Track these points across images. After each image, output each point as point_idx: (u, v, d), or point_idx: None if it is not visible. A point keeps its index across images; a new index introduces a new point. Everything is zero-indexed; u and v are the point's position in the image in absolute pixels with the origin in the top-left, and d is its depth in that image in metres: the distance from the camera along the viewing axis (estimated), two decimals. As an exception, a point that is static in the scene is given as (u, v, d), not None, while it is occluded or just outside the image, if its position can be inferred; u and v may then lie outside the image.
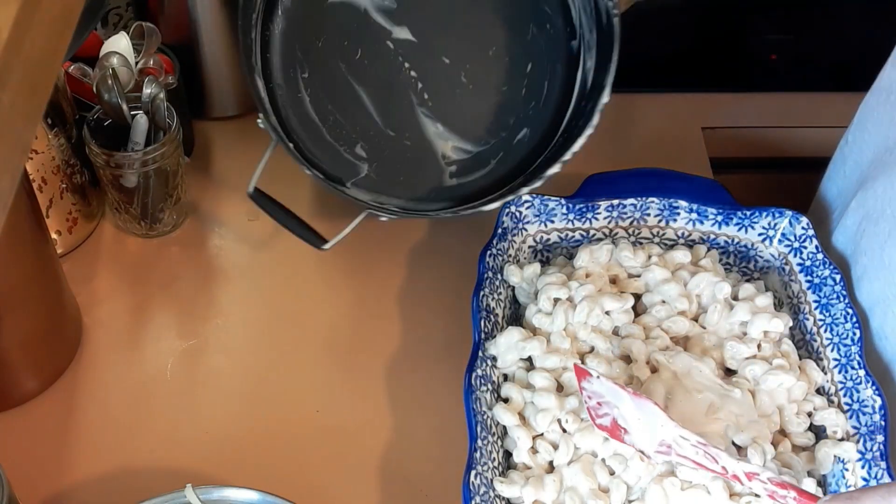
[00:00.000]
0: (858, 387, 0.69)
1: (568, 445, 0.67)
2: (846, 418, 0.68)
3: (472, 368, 0.69)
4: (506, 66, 0.68)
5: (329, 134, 0.82)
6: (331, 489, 0.71)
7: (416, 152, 0.82)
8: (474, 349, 0.70)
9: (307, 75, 0.80)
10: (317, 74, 0.80)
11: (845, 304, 0.72)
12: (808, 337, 0.74)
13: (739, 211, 0.78)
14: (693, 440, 0.62)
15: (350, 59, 0.80)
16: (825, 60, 1.03)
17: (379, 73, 0.80)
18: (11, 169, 0.40)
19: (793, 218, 0.77)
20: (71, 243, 0.85)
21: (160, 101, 0.81)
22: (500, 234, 0.77)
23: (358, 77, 0.80)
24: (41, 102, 0.42)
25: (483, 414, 0.67)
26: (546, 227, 0.79)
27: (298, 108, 0.81)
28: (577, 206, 0.79)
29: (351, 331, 0.81)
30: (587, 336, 0.71)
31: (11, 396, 0.75)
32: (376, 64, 0.80)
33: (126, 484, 0.71)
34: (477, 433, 0.65)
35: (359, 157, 0.82)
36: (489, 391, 0.69)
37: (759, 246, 0.78)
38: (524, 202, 0.78)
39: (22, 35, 0.38)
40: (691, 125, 0.95)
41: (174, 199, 0.85)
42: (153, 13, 0.91)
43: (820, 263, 0.75)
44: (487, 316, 0.73)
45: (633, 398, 0.63)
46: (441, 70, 0.82)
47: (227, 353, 0.80)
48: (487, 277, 0.74)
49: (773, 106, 0.97)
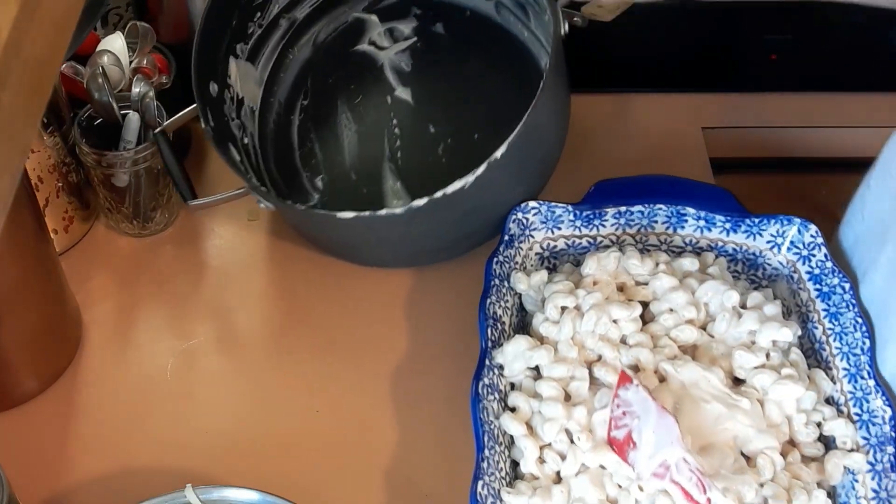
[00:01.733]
0: (868, 397, 0.68)
1: (576, 456, 0.66)
2: (856, 429, 0.68)
3: (478, 377, 0.68)
4: (484, 156, 0.71)
5: (300, 158, 0.87)
6: (331, 490, 0.71)
7: (368, 199, 0.86)
8: (481, 357, 0.70)
9: (307, 102, 0.86)
10: (315, 105, 0.87)
11: (854, 314, 0.71)
12: (816, 346, 0.73)
13: (748, 218, 0.77)
14: (693, 465, 0.62)
15: (350, 101, 0.86)
16: (825, 60, 1.03)
17: (369, 120, 0.86)
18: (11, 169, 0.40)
19: (801, 226, 0.76)
20: (67, 243, 0.84)
21: (150, 100, 0.81)
22: (507, 241, 0.77)
23: (349, 118, 0.87)
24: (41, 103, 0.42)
25: (490, 423, 0.67)
26: (553, 233, 0.79)
27: (284, 126, 0.86)
28: (585, 213, 0.78)
29: (352, 332, 0.81)
30: (595, 345, 0.70)
31: (11, 396, 0.75)
32: (370, 112, 0.86)
33: (126, 484, 0.71)
34: (484, 443, 0.65)
35: (315, 188, 0.87)
36: (496, 400, 0.69)
37: (768, 254, 0.78)
38: (531, 209, 0.78)
39: (22, 35, 0.38)
40: (691, 125, 0.95)
41: (166, 197, 0.85)
42: (152, 13, 0.90)
43: (829, 272, 0.74)
44: (494, 324, 0.72)
45: (658, 412, 0.63)
46: (423, 136, 0.87)
47: (227, 352, 0.80)
48: (494, 285, 0.74)
49: (773, 106, 0.97)
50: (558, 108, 0.79)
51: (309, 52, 0.88)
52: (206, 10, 0.79)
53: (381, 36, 0.88)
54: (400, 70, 0.86)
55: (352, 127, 0.86)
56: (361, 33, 0.89)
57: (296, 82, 0.87)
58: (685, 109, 0.97)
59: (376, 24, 0.88)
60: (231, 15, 0.83)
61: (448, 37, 0.87)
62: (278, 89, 0.88)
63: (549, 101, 0.73)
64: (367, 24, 0.88)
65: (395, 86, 0.85)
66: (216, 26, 0.81)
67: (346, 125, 0.86)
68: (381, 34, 0.88)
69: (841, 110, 0.97)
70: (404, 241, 0.78)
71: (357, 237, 0.78)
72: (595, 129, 0.81)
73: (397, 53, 0.87)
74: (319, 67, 0.87)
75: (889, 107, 0.96)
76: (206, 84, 0.81)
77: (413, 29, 0.88)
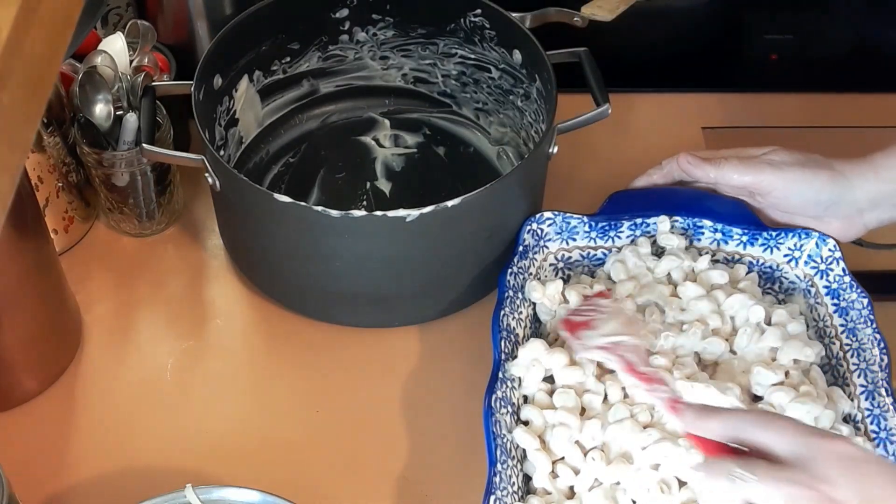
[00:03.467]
0: (886, 414, 0.68)
1: (590, 471, 0.66)
2: (874, 447, 0.67)
3: (491, 390, 0.67)
4: None
5: None
6: (332, 490, 0.71)
7: None
8: (494, 369, 0.69)
9: (294, 160, 0.91)
10: (299, 164, 0.91)
11: (873, 330, 0.71)
12: (833, 362, 0.73)
13: (765, 231, 0.77)
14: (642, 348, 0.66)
15: (332, 174, 0.90)
16: (825, 60, 1.03)
17: (342, 194, 0.89)
18: (11, 169, 0.39)
19: (819, 239, 0.76)
20: (67, 242, 0.84)
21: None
22: (521, 251, 0.76)
23: (324, 185, 0.89)
24: (41, 102, 0.42)
25: (503, 437, 0.66)
26: (568, 244, 0.78)
27: (262, 169, 0.90)
28: (600, 224, 0.78)
29: (354, 331, 0.80)
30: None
31: (11, 396, 0.75)
32: (345, 189, 0.89)
33: (126, 484, 0.71)
34: (496, 457, 0.64)
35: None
36: (509, 413, 0.68)
37: (785, 267, 0.77)
38: (546, 219, 0.77)
39: (22, 35, 0.38)
40: (691, 125, 0.95)
41: (167, 197, 0.85)
42: (152, 13, 0.90)
43: (847, 286, 0.74)
44: (508, 336, 0.71)
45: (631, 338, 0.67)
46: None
47: (227, 352, 0.80)
48: (508, 296, 0.73)
49: (773, 106, 0.97)
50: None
51: (315, 125, 0.94)
52: (256, 8, 0.83)
53: (386, 137, 0.93)
54: (390, 166, 0.90)
55: (324, 194, 0.89)
56: (370, 128, 0.94)
57: (291, 143, 0.92)
58: (685, 109, 0.97)
59: (386, 127, 0.93)
60: (268, 33, 0.86)
61: (446, 161, 0.91)
62: (272, 140, 0.92)
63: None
64: (377, 124, 0.94)
65: (378, 176, 0.89)
66: (250, 31, 0.84)
67: (320, 188, 0.89)
68: (386, 136, 0.93)
69: (841, 110, 0.97)
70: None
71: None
72: (595, 129, 0.81)
73: (394, 154, 0.91)
74: (319, 140, 0.93)
75: (889, 107, 0.96)
76: (212, 74, 0.81)
77: (417, 143, 0.92)
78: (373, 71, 0.93)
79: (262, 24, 0.84)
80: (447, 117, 0.93)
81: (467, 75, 0.91)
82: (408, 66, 0.92)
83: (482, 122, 0.92)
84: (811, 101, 0.97)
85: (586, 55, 0.81)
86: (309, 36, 0.89)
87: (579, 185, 0.88)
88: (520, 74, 0.86)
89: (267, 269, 0.81)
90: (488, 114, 0.92)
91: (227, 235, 0.84)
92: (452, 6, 0.87)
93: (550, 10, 0.85)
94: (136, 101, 0.81)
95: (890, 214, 0.75)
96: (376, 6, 0.89)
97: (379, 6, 0.89)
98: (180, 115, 0.84)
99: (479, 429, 0.66)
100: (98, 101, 0.80)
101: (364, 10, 0.89)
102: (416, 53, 0.91)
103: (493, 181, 0.73)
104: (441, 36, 0.89)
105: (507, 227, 0.78)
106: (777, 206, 0.77)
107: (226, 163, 0.76)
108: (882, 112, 0.96)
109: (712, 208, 0.78)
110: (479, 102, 0.92)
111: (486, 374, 0.69)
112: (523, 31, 0.83)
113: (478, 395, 0.68)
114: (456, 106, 0.93)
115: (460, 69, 0.91)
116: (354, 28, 0.89)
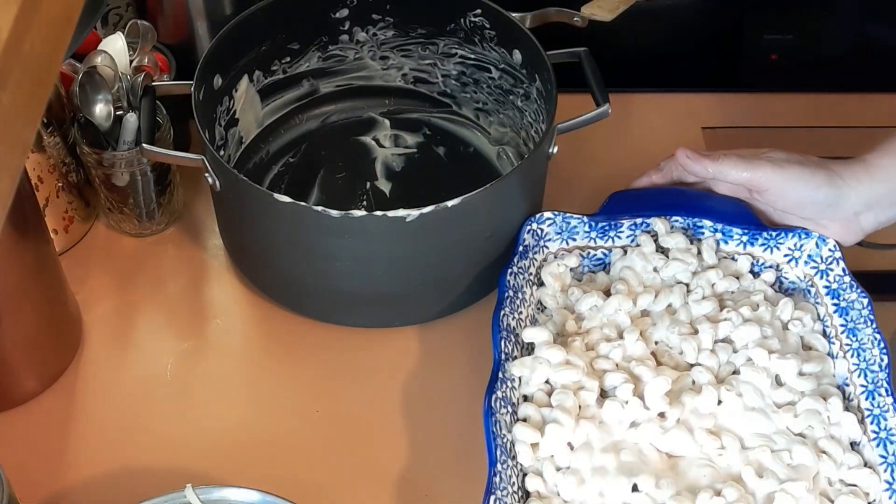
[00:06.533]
0: (886, 415, 0.67)
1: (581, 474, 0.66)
2: (874, 447, 0.67)
3: (491, 390, 0.67)
4: None
5: None
6: (332, 490, 0.71)
7: None
8: (494, 369, 0.69)
9: (294, 160, 0.91)
10: (300, 164, 0.90)
11: (873, 329, 0.70)
12: (834, 361, 0.72)
13: (765, 231, 0.77)
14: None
15: (332, 174, 0.90)
16: (825, 60, 1.03)
17: (341, 193, 0.88)
18: (11, 169, 0.39)
19: (819, 240, 0.76)
20: (67, 243, 0.84)
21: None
22: (522, 251, 0.76)
23: (324, 185, 0.89)
24: (41, 102, 0.42)
25: (503, 437, 0.66)
26: (568, 244, 0.78)
27: (262, 169, 0.90)
28: (600, 224, 0.78)
29: (356, 332, 0.80)
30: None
31: (11, 396, 0.75)
32: (345, 189, 0.89)
33: (126, 484, 0.71)
34: (496, 457, 0.64)
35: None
36: (509, 413, 0.68)
37: (785, 267, 0.77)
38: (546, 219, 0.77)
39: (22, 35, 0.38)
40: (691, 125, 0.95)
41: (167, 197, 0.85)
42: (152, 13, 0.91)
43: (847, 286, 0.74)
44: (508, 336, 0.71)
45: None
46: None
47: (227, 352, 0.80)
48: (508, 296, 0.73)
49: (772, 106, 0.97)
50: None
51: (315, 126, 0.94)
52: (256, 8, 0.83)
53: (386, 137, 0.93)
54: (390, 166, 0.90)
55: (324, 194, 0.88)
56: (370, 128, 0.93)
57: (291, 143, 0.92)
58: (685, 109, 0.97)
59: (386, 127, 0.93)
60: (268, 33, 0.86)
61: (446, 161, 0.91)
62: (272, 140, 0.92)
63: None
64: (377, 124, 0.94)
65: (378, 176, 0.89)
66: (250, 31, 0.84)
67: (320, 189, 0.89)
68: (386, 136, 0.93)
69: (841, 110, 0.97)
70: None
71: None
72: (595, 129, 0.81)
73: (394, 154, 0.91)
74: (319, 140, 0.93)
75: (889, 107, 0.96)
76: (212, 74, 0.81)
77: (417, 143, 0.92)
78: (373, 71, 0.93)
79: (262, 24, 0.84)
80: (447, 117, 0.94)
81: (467, 75, 0.91)
82: (408, 66, 0.92)
83: (482, 122, 0.93)
84: (811, 101, 0.97)
85: (586, 55, 0.81)
86: (309, 36, 0.89)
87: (579, 185, 0.88)
88: (520, 74, 0.86)
89: (267, 269, 0.81)
90: (488, 114, 0.92)
91: (227, 235, 0.84)
92: (452, 6, 0.87)
93: (550, 10, 0.85)
94: (136, 101, 0.81)
95: (886, 216, 0.75)
96: (376, 6, 0.89)
97: (379, 6, 0.89)
98: (180, 115, 0.84)
99: (479, 429, 0.66)
100: (98, 101, 0.80)
101: (364, 10, 0.89)
102: (416, 53, 0.91)
103: (493, 181, 0.73)
104: (441, 36, 0.89)
105: (507, 227, 0.78)
106: (774, 203, 0.77)
107: (226, 163, 0.76)
108: (882, 112, 0.95)
109: (712, 208, 0.78)
110: (479, 102, 0.92)
111: (486, 374, 0.69)
112: (523, 31, 0.83)
113: (478, 396, 0.68)
114: (456, 106, 0.93)
115: (460, 69, 0.91)
116: (354, 28, 0.90)
